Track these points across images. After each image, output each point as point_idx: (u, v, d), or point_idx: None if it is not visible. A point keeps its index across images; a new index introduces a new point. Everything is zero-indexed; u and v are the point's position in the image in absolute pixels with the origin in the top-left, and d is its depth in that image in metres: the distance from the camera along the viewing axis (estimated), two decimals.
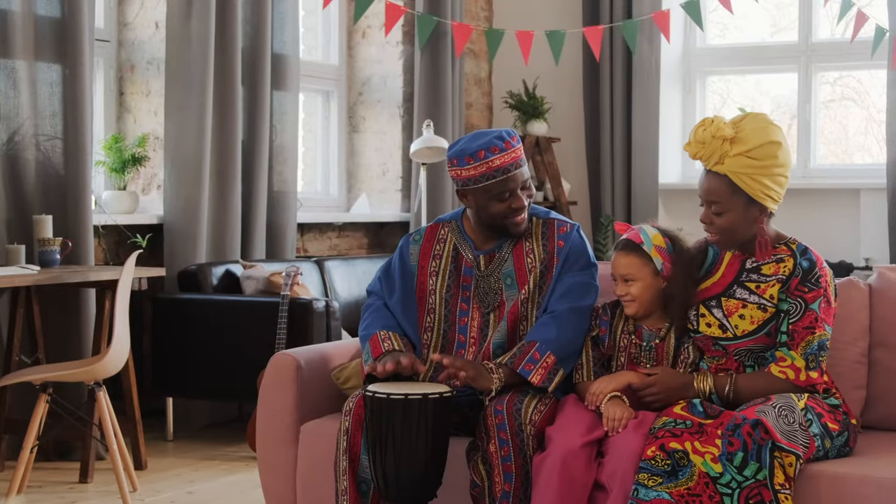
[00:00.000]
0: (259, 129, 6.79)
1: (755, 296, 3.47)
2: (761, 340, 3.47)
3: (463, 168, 3.66)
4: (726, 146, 3.43)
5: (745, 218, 3.47)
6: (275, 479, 3.95)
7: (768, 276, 3.48)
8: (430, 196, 7.59)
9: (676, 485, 3.18)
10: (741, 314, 3.47)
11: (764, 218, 3.48)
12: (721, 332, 3.48)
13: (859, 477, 3.27)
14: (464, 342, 3.74)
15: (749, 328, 3.46)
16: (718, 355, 3.52)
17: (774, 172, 3.43)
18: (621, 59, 8.27)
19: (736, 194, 3.45)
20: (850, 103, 8.62)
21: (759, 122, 3.46)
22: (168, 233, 6.36)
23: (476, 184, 3.66)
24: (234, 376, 5.94)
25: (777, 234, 3.56)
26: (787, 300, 3.44)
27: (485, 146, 3.63)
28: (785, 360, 3.42)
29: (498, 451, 3.45)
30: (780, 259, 3.49)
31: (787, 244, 3.53)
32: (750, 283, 3.49)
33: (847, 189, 7.92)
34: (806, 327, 3.41)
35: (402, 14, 7.51)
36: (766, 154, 3.42)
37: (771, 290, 3.46)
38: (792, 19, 8.40)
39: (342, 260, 7.04)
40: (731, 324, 3.47)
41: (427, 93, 7.94)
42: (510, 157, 3.65)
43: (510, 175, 3.65)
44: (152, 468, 5.58)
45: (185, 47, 6.33)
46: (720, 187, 3.46)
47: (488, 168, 3.63)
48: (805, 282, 3.44)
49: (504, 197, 3.66)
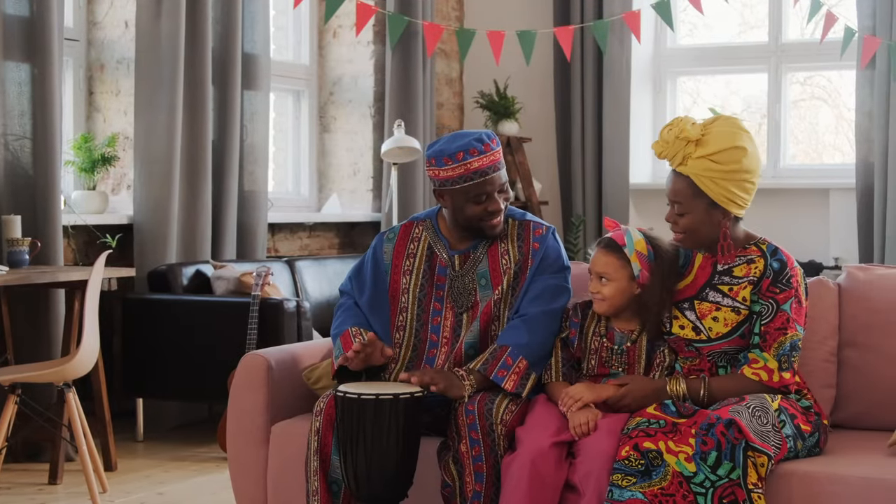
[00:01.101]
0: (229, 128, 6.77)
1: (728, 298, 3.47)
2: (735, 342, 3.47)
3: (441, 168, 3.66)
4: (690, 147, 3.43)
5: (708, 220, 3.47)
6: (245, 479, 3.94)
7: (740, 277, 3.48)
8: (401, 196, 7.59)
9: (650, 484, 3.18)
10: (714, 317, 3.47)
11: (727, 222, 3.48)
12: (694, 334, 3.49)
13: (829, 475, 3.28)
14: (436, 342, 3.74)
15: (723, 330, 3.46)
16: (692, 356, 3.52)
17: (739, 178, 3.43)
18: (592, 60, 8.28)
19: (698, 196, 3.45)
20: (821, 103, 8.66)
21: (727, 127, 3.46)
22: (138, 233, 6.34)
23: (453, 185, 3.65)
24: (204, 377, 5.92)
25: (747, 235, 3.57)
26: (758, 301, 3.45)
27: (464, 148, 3.63)
28: (758, 362, 3.43)
29: (469, 450, 3.45)
30: (750, 260, 3.50)
31: (758, 245, 3.53)
32: (722, 286, 3.50)
33: (817, 189, 7.96)
34: (778, 328, 3.42)
35: (373, 14, 7.50)
36: (729, 159, 3.42)
37: (743, 292, 3.47)
38: (762, 19, 8.43)
39: (313, 260, 7.03)
40: (704, 326, 3.47)
41: (398, 93, 7.93)
42: (489, 160, 3.65)
43: (488, 178, 3.65)
44: (122, 469, 5.56)
45: (155, 47, 6.30)
46: (683, 188, 3.47)
47: (466, 170, 3.63)
48: (776, 282, 3.45)
49: (481, 199, 3.66)
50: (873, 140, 7.60)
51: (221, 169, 6.76)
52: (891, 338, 3.80)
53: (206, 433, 6.31)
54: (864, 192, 7.65)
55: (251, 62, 6.99)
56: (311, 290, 6.77)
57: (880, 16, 7.49)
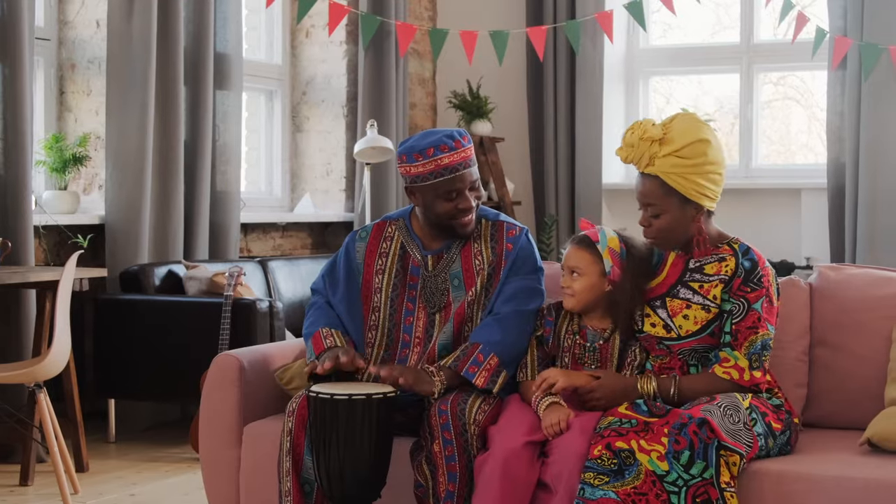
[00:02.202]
0: (202, 128, 6.75)
1: (699, 296, 3.49)
2: (705, 340, 3.49)
3: (412, 165, 3.65)
4: (655, 147, 3.45)
5: (682, 218, 3.49)
6: (218, 480, 3.93)
7: (711, 275, 3.50)
8: (374, 196, 7.58)
9: (623, 484, 3.19)
10: (685, 314, 3.48)
11: (701, 217, 3.50)
12: (665, 332, 3.50)
13: (801, 474, 3.30)
14: (409, 342, 3.74)
15: (693, 328, 3.48)
16: (663, 354, 3.53)
17: (707, 170, 3.45)
18: (565, 60, 8.29)
19: (670, 195, 3.46)
20: (793, 103, 8.69)
21: (687, 122, 3.49)
22: (110, 233, 6.31)
23: (424, 181, 3.65)
24: (176, 377, 5.90)
25: (719, 234, 3.58)
26: (729, 300, 3.47)
27: (434, 144, 3.63)
28: (728, 361, 3.44)
29: (442, 450, 3.45)
30: (721, 258, 3.51)
31: (730, 244, 3.55)
32: (693, 283, 3.51)
33: (788, 189, 7.99)
34: (749, 327, 3.44)
35: (346, 14, 7.49)
36: (695, 152, 3.44)
37: (714, 290, 3.48)
38: (734, 19, 8.46)
39: (286, 260, 7.02)
40: (675, 324, 3.49)
41: (371, 93, 7.93)
42: (459, 157, 3.65)
43: (458, 174, 3.65)
44: (94, 470, 5.53)
45: (127, 46, 6.28)
46: (654, 189, 3.48)
47: (436, 166, 3.63)
48: (747, 282, 3.46)
49: (451, 196, 3.66)
50: (845, 140, 7.63)
51: (194, 169, 6.74)
52: (862, 337, 3.82)
53: (179, 434, 6.28)
54: (835, 192, 7.68)
55: (223, 62, 6.97)
56: (284, 290, 6.76)
57: (851, 17, 7.53)
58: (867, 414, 3.62)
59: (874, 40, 7.41)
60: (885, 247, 7.43)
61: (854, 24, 7.52)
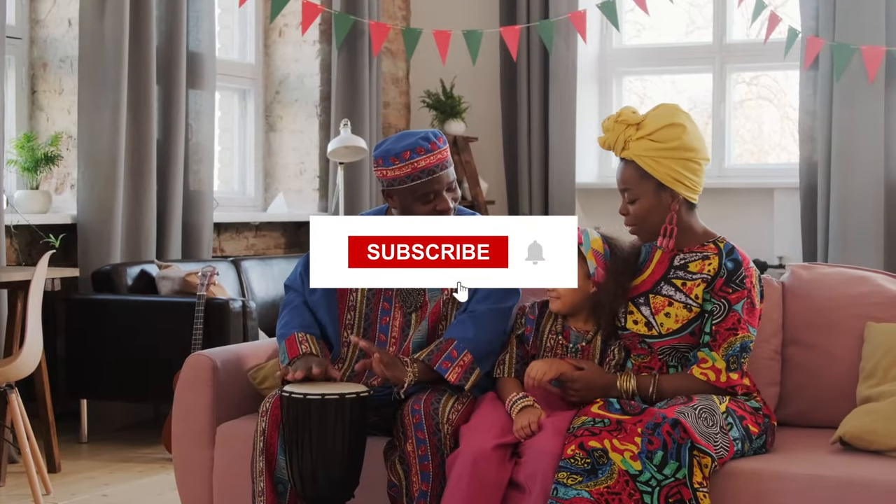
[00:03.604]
0: (174, 127, 6.73)
1: (681, 293, 3.49)
2: (685, 340, 3.49)
3: (388, 168, 3.65)
4: (630, 131, 3.47)
5: (658, 204, 3.49)
6: (191, 480, 3.92)
7: (694, 273, 3.50)
8: (347, 195, 7.57)
9: (596, 483, 3.19)
10: (667, 312, 3.48)
11: (677, 205, 3.50)
12: (647, 329, 3.50)
13: (774, 473, 3.31)
14: (384, 341, 3.73)
15: (674, 327, 3.48)
16: (644, 353, 3.53)
17: (683, 156, 3.45)
18: (538, 59, 8.30)
19: (645, 179, 3.47)
20: (766, 103, 8.73)
21: (665, 109, 3.52)
22: (82, 233, 6.29)
23: (401, 184, 3.65)
24: (149, 377, 5.88)
25: (705, 231, 3.58)
26: (711, 300, 3.47)
27: (410, 147, 3.63)
28: (706, 362, 3.45)
29: (415, 450, 3.45)
30: (705, 256, 3.51)
31: (716, 242, 3.55)
32: (676, 280, 3.51)
33: (761, 188, 8.02)
34: (728, 328, 3.44)
35: (319, 13, 7.48)
36: (668, 136, 3.44)
37: (696, 289, 3.48)
38: (707, 20, 8.48)
39: (259, 260, 7.00)
40: (656, 322, 3.49)
41: (344, 92, 7.92)
42: (436, 159, 3.65)
43: (435, 176, 3.65)
44: (66, 471, 5.51)
45: (99, 45, 6.26)
46: (630, 174, 3.50)
47: (413, 169, 3.63)
48: (729, 282, 3.46)
49: (429, 198, 3.66)
50: (817, 140, 7.66)
51: (166, 168, 6.72)
52: (834, 336, 3.83)
53: (151, 434, 6.27)
54: (807, 191, 7.71)
55: (196, 61, 6.95)
56: (257, 289, 6.74)
57: (823, 17, 7.56)
58: (839, 412, 3.63)
59: (846, 40, 7.44)
60: (857, 246, 7.47)
61: (826, 24, 7.55)
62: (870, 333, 3.77)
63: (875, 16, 7.43)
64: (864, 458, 3.39)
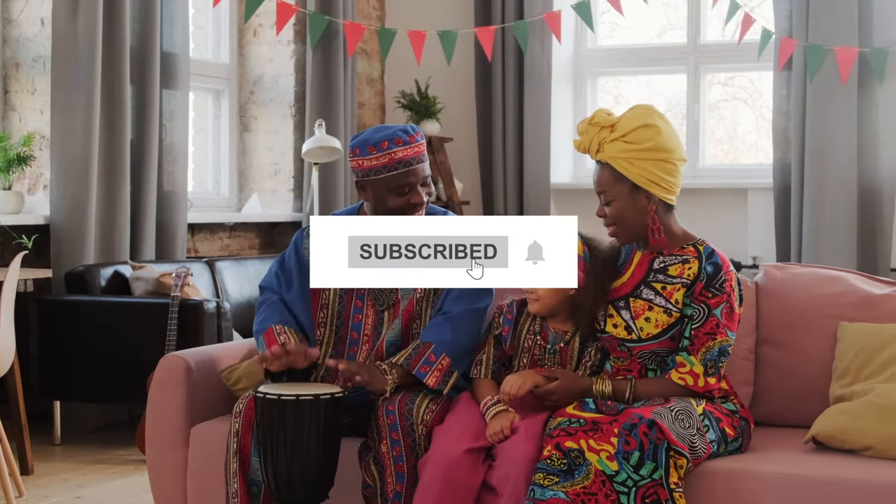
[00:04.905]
0: (148, 128, 6.71)
1: (661, 298, 3.48)
2: (665, 344, 3.49)
3: (365, 158, 3.64)
4: (604, 133, 3.47)
5: (633, 206, 3.49)
6: (165, 482, 3.90)
7: (674, 277, 3.49)
8: (322, 196, 7.56)
9: (573, 484, 3.19)
10: (647, 317, 3.48)
11: (653, 206, 3.49)
12: (626, 333, 3.49)
13: (749, 472, 3.32)
14: (357, 339, 3.73)
15: (653, 331, 3.47)
16: (623, 356, 3.53)
17: (657, 157, 3.45)
18: (513, 60, 8.31)
19: (620, 181, 3.47)
20: (741, 103, 8.75)
21: (639, 110, 3.51)
22: (55, 233, 6.26)
23: (377, 175, 3.64)
24: (123, 379, 5.86)
25: (685, 234, 3.58)
26: (690, 305, 3.46)
27: (388, 137, 3.63)
28: (685, 366, 3.45)
29: (390, 451, 3.44)
30: (685, 260, 3.51)
31: (696, 245, 3.54)
32: (656, 284, 3.51)
33: (735, 188, 8.05)
34: (707, 333, 3.44)
35: (294, 13, 7.46)
36: (641, 137, 3.44)
37: (676, 294, 3.47)
38: (682, 20, 8.50)
39: (233, 260, 6.99)
40: (636, 326, 3.48)
41: (319, 92, 7.91)
42: (413, 151, 3.65)
43: (411, 168, 3.64)
44: (39, 473, 5.48)
45: (72, 45, 6.23)
46: (605, 176, 3.50)
47: (390, 159, 3.62)
48: (709, 287, 3.46)
49: (403, 191, 3.65)
50: (790, 140, 7.69)
51: (140, 169, 6.69)
52: (807, 335, 3.85)
53: (125, 436, 6.24)
54: (781, 191, 7.74)
55: (170, 61, 6.93)
56: (232, 290, 6.73)
57: (796, 18, 7.59)
58: (812, 411, 3.64)
59: (819, 41, 7.47)
60: (830, 246, 7.50)
61: (799, 25, 7.58)
62: (843, 333, 3.79)
63: (848, 17, 7.46)
64: (837, 458, 3.41)
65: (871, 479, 3.24)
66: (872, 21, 7.48)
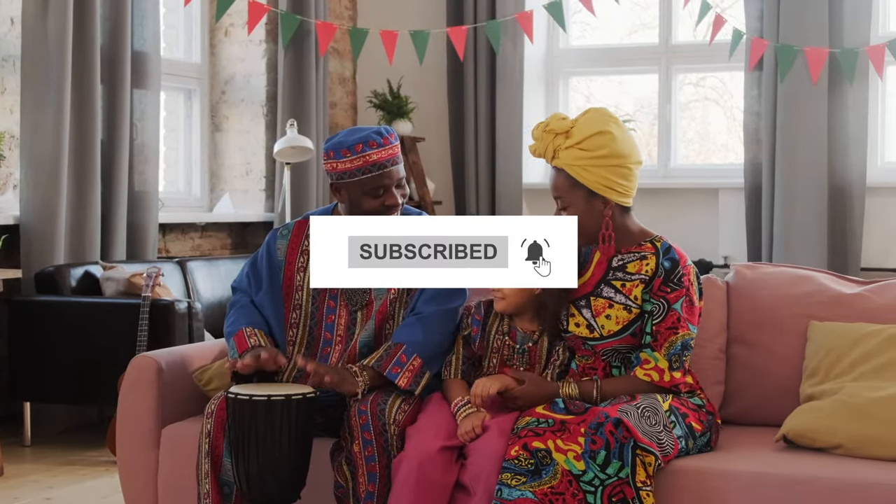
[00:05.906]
0: (119, 127, 6.68)
1: (621, 295, 3.50)
2: (626, 341, 3.50)
3: (339, 161, 3.64)
4: (559, 140, 3.47)
5: (590, 211, 3.50)
6: (136, 483, 3.89)
7: (632, 274, 3.51)
8: (294, 196, 7.55)
9: (540, 483, 3.19)
10: (607, 314, 3.49)
11: (609, 211, 3.50)
12: (588, 332, 3.51)
13: (719, 471, 3.33)
14: (330, 340, 3.73)
15: (614, 328, 3.49)
16: (587, 355, 3.54)
17: (612, 164, 3.46)
18: (485, 60, 8.31)
19: (576, 187, 3.48)
20: (712, 104, 8.78)
21: (594, 115, 3.50)
22: (24, 233, 6.23)
23: (351, 177, 3.64)
24: (93, 379, 5.83)
25: (642, 231, 3.59)
26: (650, 301, 3.48)
27: (362, 140, 3.62)
28: (649, 363, 3.46)
29: (362, 451, 3.44)
30: (643, 256, 3.53)
31: (653, 242, 3.56)
32: (616, 282, 3.52)
33: (706, 188, 8.07)
34: (669, 328, 3.46)
35: (266, 12, 7.45)
36: (596, 145, 3.45)
37: (636, 290, 3.49)
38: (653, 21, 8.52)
39: (205, 260, 6.97)
40: (597, 324, 3.49)
41: (291, 92, 7.90)
42: (387, 153, 3.64)
43: (386, 171, 3.64)
44: (9, 474, 5.46)
45: (42, 44, 6.20)
46: (561, 182, 3.50)
47: (364, 162, 3.62)
48: (667, 282, 3.48)
49: (378, 193, 3.65)
50: (761, 140, 7.72)
51: (111, 168, 6.67)
52: (777, 335, 3.87)
53: (96, 437, 6.22)
54: (752, 191, 7.77)
55: (141, 60, 6.90)
56: (203, 290, 6.71)
57: (767, 18, 7.62)
58: (783, 410, 3.66)
59: (789, 42, 7.50)
60: (801, 246, 7.53)
61: (770, 25, 7.61)
62: (813, 332, 3.81)
63: (818, 18, 7.49)
64: (807, 456, 3.42)
65: (842, 478, 3.25)
66: (843, 22, 7.51)
